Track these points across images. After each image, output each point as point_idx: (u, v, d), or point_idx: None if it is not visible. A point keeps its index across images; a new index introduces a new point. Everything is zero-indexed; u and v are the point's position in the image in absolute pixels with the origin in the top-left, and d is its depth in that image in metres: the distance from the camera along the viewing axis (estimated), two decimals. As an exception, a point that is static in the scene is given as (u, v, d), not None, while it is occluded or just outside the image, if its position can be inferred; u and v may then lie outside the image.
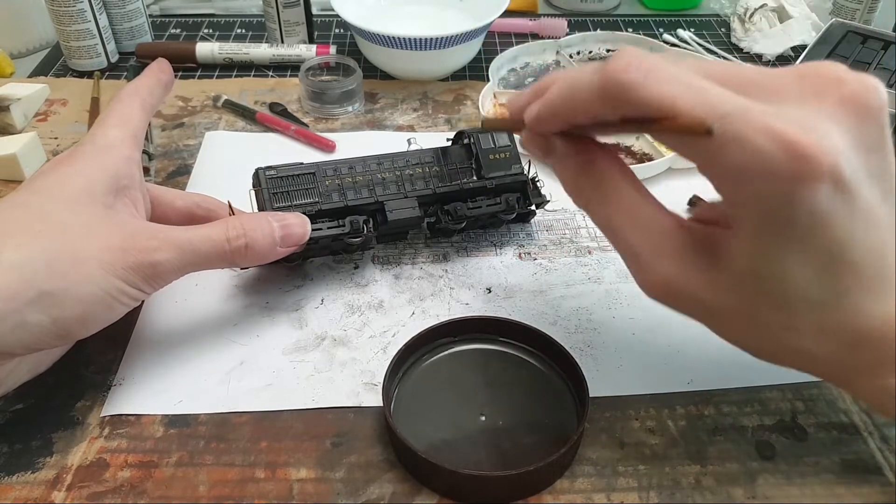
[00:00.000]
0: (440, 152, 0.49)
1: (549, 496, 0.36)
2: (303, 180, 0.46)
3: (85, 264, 0.34)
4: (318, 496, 0.36)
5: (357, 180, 0.47)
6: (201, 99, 0.67)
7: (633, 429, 0.39)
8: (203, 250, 0.38)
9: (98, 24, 0.69)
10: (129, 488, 0.36)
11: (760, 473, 0.37)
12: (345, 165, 0.47)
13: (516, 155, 0.50)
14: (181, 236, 0.38)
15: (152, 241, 0.37)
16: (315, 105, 0.65)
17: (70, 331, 0.35)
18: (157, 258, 0.36)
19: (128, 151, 0.39)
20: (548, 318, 0.46)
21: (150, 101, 0.43)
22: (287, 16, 0.73)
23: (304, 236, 0.43)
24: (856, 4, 0.76)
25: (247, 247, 0.40)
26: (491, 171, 0.49)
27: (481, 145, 0.49)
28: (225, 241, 0.39)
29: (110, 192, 0.37)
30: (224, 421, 0.39)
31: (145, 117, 0.42)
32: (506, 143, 0.50)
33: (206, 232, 0.39)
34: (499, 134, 0.50)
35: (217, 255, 0.39)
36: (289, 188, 0.45)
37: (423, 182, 0.48)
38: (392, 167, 0.48)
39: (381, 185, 0.47)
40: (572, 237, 0.52)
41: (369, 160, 0.48)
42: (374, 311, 0.46)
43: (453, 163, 0.49)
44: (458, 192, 0.49)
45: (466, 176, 0.49)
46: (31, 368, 0.37)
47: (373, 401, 0.40)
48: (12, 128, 0.61)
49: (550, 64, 0.72)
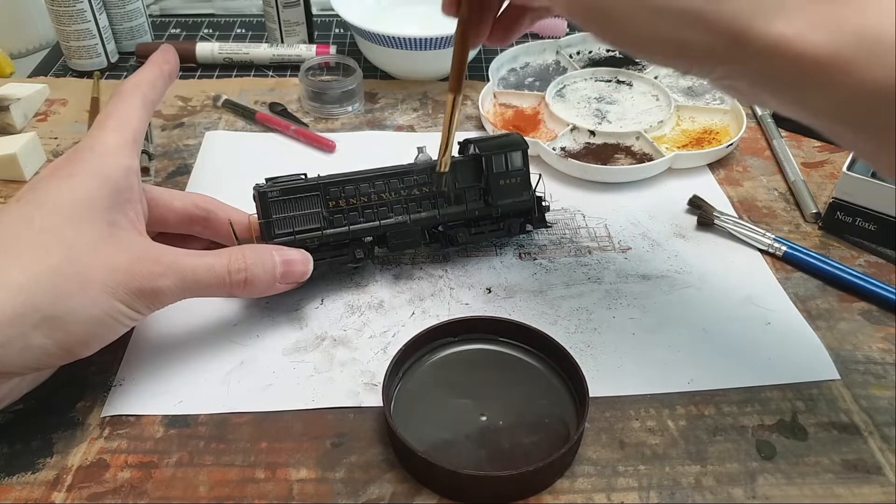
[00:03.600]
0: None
1: (549, 496, 0.36)
2: (307, 202, 0.44)
3: (90, 287, 0.34)
4: (318, 496, 0.36)
5: (362, 201, 0.46)
6: (201, 99, 0.67)
7: (633, 429, 0.39)
8: (204, 280, 0.39)
9: (98, 24, 0.69)
10: (129, 489, 0.36)
11: (760, 473, 0.37)
12: (351, 185, 0.45)
13: (527, 179, 0.48)
14: (185, 264, 0.38)
15: (157, 266, 0.37)
16: (315, 105, 0.65)
17: (72, 352, 0.35)
18: (160, 284, 0.36)
19: (126, 161, 0.38)
20: (548, 318, 0.46)
21: (152, 96, 0.42)
22: (287, 16, 0.73)
23: (306, 275, 0.43)
24: (856, 4, 0.76)
25: (246, 281, 0.40)
26: (500, 198, 0.48)
27: (493, 168, 0.47)
28: (226, 273, 0.39)
29: (112, 207, 0.37)
30: (224, 421, 0.39)
31: (146, 116, 0.42)
32: (518, 167, 0.48)
33: (210, 262, 0.39)
34: (512, 156, 0.48)
35: (217, 286, 0.39)
36: (292, 212, 0.44)
37: (429, 203, 0.47)
38: (399, 187, 0.46)
39: (387, 205, 0.46)
40: (572, 237, 0.52)
41: (376, 179, 0.46)
42: (374, 312, 0.46)
43: (462, 182, 0.47)
44: (464, 217, 0.48)
45: (474, 198, 0.48)
46: (32, 381, 0.37)
47: (373, 401, 0.40)
48: (12, 128, 0.61)
49: (550, 64, 0.72)
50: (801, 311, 0.46)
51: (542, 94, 0.65)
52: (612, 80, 0.69)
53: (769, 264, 0.50)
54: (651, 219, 0.54)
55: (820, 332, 0.45)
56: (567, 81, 0.68)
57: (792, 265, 0.50)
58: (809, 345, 0.44)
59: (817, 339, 0.44)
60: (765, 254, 0.51)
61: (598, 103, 0.66)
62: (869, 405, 0.40)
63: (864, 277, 0.48)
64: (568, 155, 0.59)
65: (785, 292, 0.48)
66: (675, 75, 0.70)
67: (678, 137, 0.62)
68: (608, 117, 0.64)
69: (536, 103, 0.66)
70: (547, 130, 0.62)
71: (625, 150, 0.60)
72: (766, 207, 0.55)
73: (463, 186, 0.47)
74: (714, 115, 0.64)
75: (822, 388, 0.41)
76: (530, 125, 0.63)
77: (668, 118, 0.62)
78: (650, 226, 0.53)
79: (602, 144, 0.60)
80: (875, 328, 0.45)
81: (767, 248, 0.51)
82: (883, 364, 0.43)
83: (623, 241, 0.52)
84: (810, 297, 0.48)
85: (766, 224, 0.53)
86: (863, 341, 0.44)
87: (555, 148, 0.59)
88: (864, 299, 0.47)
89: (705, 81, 0.33)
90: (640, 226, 0.53)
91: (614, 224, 0.53)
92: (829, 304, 0.47)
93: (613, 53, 0.74)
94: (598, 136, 0.61)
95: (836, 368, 0.42)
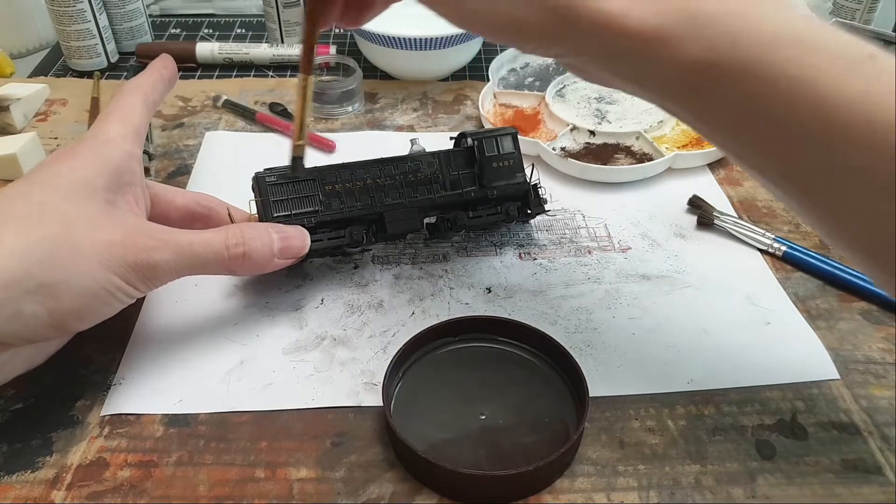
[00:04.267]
0: (442, 157, 0.49)
1: (549, 496, 0.36)
2: (303, 187, 0.45)
3: (85, 258, 0.34)
4: (319, 496, 0.36)
5: (357, 185, 0.46)
6: (201, 99, 0.67)
7: (633, 428, 0.39)
8: (202, 255, 0.38)
9: (98, 24, 0.69)
10: (128, 488, 0.36)
11: (760, 473, 0.37)
12: (346, 171, 0.47)
13: (520, 162, 0.49)
14: (181, 239, 0.38)
15: (152, 240, 0.37)
16: (315, 105, 0.65)
17: (66, 323, 0.35)
18: (155, 258, 0.36)
19: (129, 147, 0.39)
20: (548, 317, 0.46)
21: (153, 97, 0.43)
22: (287, 16, 0.73)
23: (303, 249, 0.44)
24: (856, 4, 0.76)
25: (244, 255, 0.40)
26: (494, 180, 0.48)
27: (485, 152, 0.48)
28: (224, 247, 0.39)
29: (111, 188, 0.37)
30: (224, 420, 0.39)
31: (147, 113, 0.42)
32: (510, 151, 0.49)
33: (206, 237, 0.39)
34: (503, 140, 0.49)
35: (215, 261, 0.39)
36: (289, 195, 0.45)
37: (424, 189, 0.48)
38: (394, 173, 0.47)
39: (383, 190, 0.47)
40: (572, 237, 0.52)
41: (371, 165, 0.47)
42: (373, 311, 0.46)
43: (455, 169, 0.48)
44: (460, 201, 0.48)
45: (468, 183, 0.49)
46: (27, 361, 0.37)
47: (373, 400, 0.40)
48: (12, 128, 0.61)
49: (550, 64, 0.72)
50: (800, 310, 0.46)
51: (542, 94, 0.65)
52: (612, 81, 0.69)
53: (769, 264, 0.50)
54: (651, 219, 0.54)
55: (820, 332, 0.45)
56: (567, 81, 0.68)
57: (792, 265, 0.50)
58: (809, 344, 0.44)
59: (817, 339, 0.44)
60: (764, 253, 0.51)
61: (597, 103, 0.66)
62: (869, 405, 0.40)
63: (863, 277, 0.47)
64: (568, 155, 0.59)
65: (785, 292, 0.48)
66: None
67: (678, 137, 0.62)
68: (608, 117, 0.64)
69: (536, 103, 0.66)
70: (547, 130, 0.62)
71: (625, 150, 0.60)
72: (765, 207, 0.55)
73: (457, 172, 0.48)
74: (714, 115, 0.64)
75: (822, 388, 0.41)
76: (530, 125, 0.63)
77: (668, 118, 0.62)
78: (650, 226, 0.53)
79: (602, 144, 0.60)
80: (875, 328, 0.45)
81: (767, 248, 0.51)
82: (883, 364, 0.43)
83: (623, 241, 0.52)
84: (810, 296, 0.48)
85: (765, 224, 0.53)
86: (863, 341, 0.44)
87: (555, 148, 0.59)
88: (864, 299, 0.47)
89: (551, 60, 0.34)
90: (640, 226, 0.53)
91: (614, 224, 0.54)
92: (828, 303, 0.47)
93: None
94: (598, 136, 0.61)
95: (836, 368, 0.42)
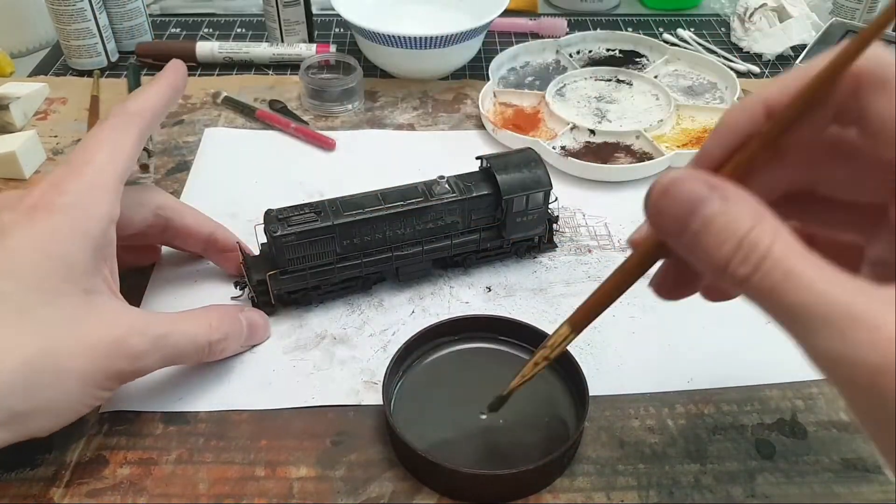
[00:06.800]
0: (466, 206, 0.46)
1: (549, 495, 0.36)
2: (321, 244, 0.43)
3: (66, 379, 0.32)
4: (318, 495, 0.36)
5: (377, 238, 0.45)
6: (201, 96, 0.67)
7: (633, 428, 0.39)
8: (185, 352, 0.38)
9: (98, 24, 0.69)
10: (128, 485, 0.36)
11: (760, 472, 0.37)
12: (367, 226, 0.44)
13: (544, 214, 0.48)
14: (167, 341, 0.36)
15: (142, 343, 0.35)
16: (315, 103, 0.65)
17: (30, 436, 0.33)
18: (141, 365, 0.35)
19: (107, 207, 0.35)
20: (548, 316, 0.46)
21: (155, 122, 0.40)
22: (287, 15, 0.73)
23: (265, 339, 0.44)
24: (856, 4, 0.76)
25: (222, 351, 0.41)
26: (514, 232, 0.47)
27: (513, 208, 0.46)
28: (206, 344, 0.39)
29: (89, 271, 0.34)
30: (224, 419, 0.39)
31: (141, 144, 0.39)
32: (538, 205, 0.47)
33: (193, 333, 0.38)
34: (533, 197, 0.46)
35: (195, 355, 0.39)
36: (305, 251, 0.43)
37: (441, 235, 0.46)
38: (415, 223, 0.45)
39: (400, 239, 0.45)
40: (572, 236, 0.52)
41: (393, 219, 0.44)
42: (374, 310, 0.46)
43: (477, 214, 0.46)
44: (475, 249, 0.48)
45: (487, 231, 0.47)
46: None
47: (373, 399, 0.40)
48: (12, 126, 0.61)
49: (550, 63, 0.72)
50: (800, 310, 0.46)
51: (542, 93, 0.65)
52: (612, 80, 0.69)
53: (769, 264, 0.50)
54: (651, 218, 0.54)
55: (820, 332, 0.45)
56: (567, 80, 0.68)
57: (792, 264, 0.50)
58: (809, 344, 0.44)
59: (817, 339, 0.44)
60: (765, 253, 0.51)
61: (598, 102, 0.66)
62: (868, 404, 0.40)
63: (863, 277, 0.47)
64: (568, 154, 0.59)
65: (785, 291, 0.48)
66: (675, 74, 0.70)
67: (678, 136, 0.62)
68: (608, 116, 0.64)
69: (536, 102, 0.66)
70: (547, 129, 0.62)
71: (625, 149, 0.60)
72: (765, 207, 0.55)
73: (480, 216, 0.47)
74: (714, 114, 0.64)
75: (822, 387, 0.41)
76: (530, 124, 0.63)
77: (668, 117, 0.62)
78: (650, 225, 0.53)
79: (602, 143, 0.60)
80: (875, 327, 0.45)
81: (767, 248, 0.51)
82: (882, 363, 0.43)
83: (623, 240, 0.52)
84: (810, 296, 0.47)
85: (765, 223, 0.53)
86: (862, 340, 0.44)
87: (555, 147, 0.59)
88: (864, 299, 0.47)
89: None
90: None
91: (614, 223, 0.53)
92: (828, 303, 0.47)
93: (613, 53, 0.74)
94: (598, 135, 0.61)
95: (836, 367, 0.42)
